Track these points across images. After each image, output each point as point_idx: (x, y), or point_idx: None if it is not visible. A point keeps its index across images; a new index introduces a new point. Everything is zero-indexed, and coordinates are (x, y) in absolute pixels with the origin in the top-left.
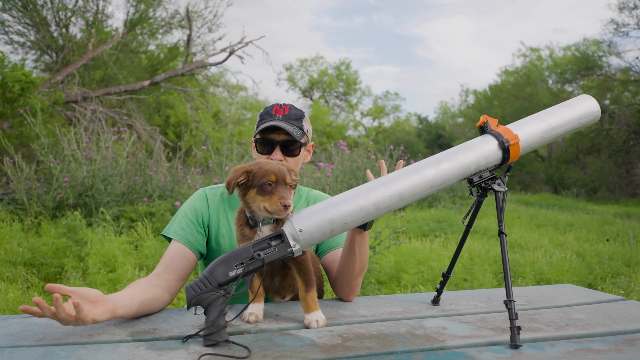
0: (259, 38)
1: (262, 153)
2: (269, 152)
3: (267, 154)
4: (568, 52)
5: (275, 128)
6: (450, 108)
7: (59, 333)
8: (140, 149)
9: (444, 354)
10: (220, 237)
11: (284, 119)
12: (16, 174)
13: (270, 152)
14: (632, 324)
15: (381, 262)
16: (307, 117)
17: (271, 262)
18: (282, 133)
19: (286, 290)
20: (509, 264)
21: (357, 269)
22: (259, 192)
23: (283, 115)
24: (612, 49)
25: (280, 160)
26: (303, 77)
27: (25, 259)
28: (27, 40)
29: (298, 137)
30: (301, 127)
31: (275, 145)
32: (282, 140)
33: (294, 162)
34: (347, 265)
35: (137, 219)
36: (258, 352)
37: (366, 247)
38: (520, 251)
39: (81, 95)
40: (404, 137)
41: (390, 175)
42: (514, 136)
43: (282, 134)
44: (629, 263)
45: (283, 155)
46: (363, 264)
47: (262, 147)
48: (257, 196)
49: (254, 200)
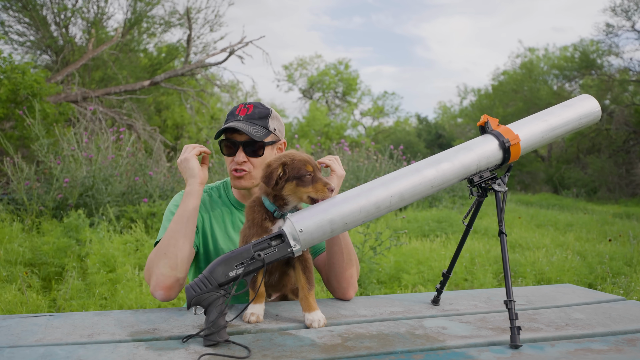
0: (259, 38)
1: (226, 155)
2: (233, 154)
3: (232, 156)
4: (567, 53)
5: (235, 130)
6: (450, 108)
7: (59, 333)
8: (140, 148)
9: (444, 354)
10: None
11: (246, 118)
12: (16, 174)
13: (234, 154)
14: (632, 324)
15: (381, 263)
16: (276, 115)
17: (271, 262)
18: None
19: (279, 288)
20: (510, 264)
21: (345, 258)
22: (300, 184)
23: (245, 115)
24: (612, 49)
25: (243, 162)
26: (302, 76)
27: (25, 258)
28: (27, 40)
29: (259, 137)
30: (265, 125)
31: (238, 146)
32: (244, 141)
33: (258, 162)
34: (334, 254)
35: (138, 219)
36: (258, 352)
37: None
38: (520, 251)
39: (81, 95)
40: (404, 137)
41: (390, 175)
42: (515, 136)
43: (244, 134)
44: (629, 263)
45: (246, 156)
46: (349, 250)
47: (226, 150)
48: (298, 188)
49: (295, 192)
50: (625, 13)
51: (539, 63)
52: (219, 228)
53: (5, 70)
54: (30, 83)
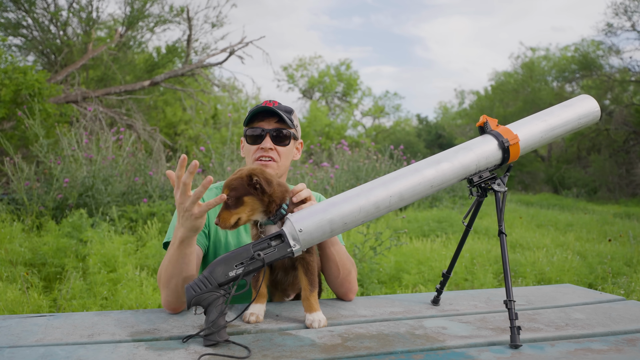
0: (259, 38)
1: (252, 144)
2: (259, 142)
3: (257, 144)
4: (568, 53)
5: (267, 114)
6: (449, 109)
7: (59, 333)
8: (140, 149)
9: (444, 354)
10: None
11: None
12: (16, 174)
13: (260, 142)
14: (632, 324)
15: (382, 263)
16: (296, 115)
17: (271, 262)
18: (273, 121)
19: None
20: (510, 264)
21: (341, 270)
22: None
23: (274, 106)
24: (612, 49)
25: (270, 149)
26: (303, 76)
27: (26, 259)
28: (26, 41)
29: (289, 125)
30: (291, 119)
31: (266, 133)
32: (273, 128)
33: (284, 152)
34: (329, 269)
35: (138, 219)
36: (258, 352)
37: (338, 246)
38: (521, 251)
39: (81, 95)
40: (403, 137)
41: (390, 175)
42: (514, 136)
43: (273, 122)
44: (629, 263)
45: (273, 144)
46: (344, 262)
47: (252, 138)
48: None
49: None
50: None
51: (540, 63)
52: None
53: (7, 71)
54: (31, 83)
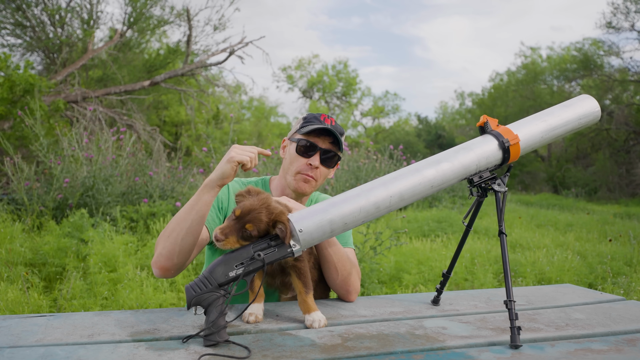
0: (259, 38)
1: (302, 155)
2: (308, 156)
3: (306, 158)
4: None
5: (325, 132)
6: (449, 109)
7: (59, 333)
8: (140, 149)
9: (444, 354)
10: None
11: (333, 128)
12: (16, 174)
13: (309, 157)
14: (632, 324)
15: (382, 262)
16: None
17: (271, 262)
18: (327, 141)
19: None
20: (510, 264)
21: (340, 273)
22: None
23: (331, 125)
24: (612, 49)
25: (316, 168)
26: (302, 77)
27: (26, 259)
28: (24, 41)
29: (340, 148)
30: (342, 142)
31: (317, 150)
32: (326, 148)
33: (325, 173)
34: (328, 270)
35: (138, 220)
36: (258, 352)
37: (336, 247)
38: (521, 251)
39: (81, 95)
40: (403, 137)
41: (390, 175)
42: (514, 136)
43: (327, 141)
44: (629, 263)
45: (320, 164)
46: (343, 264)
47: (303, 149)
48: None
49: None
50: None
51: (540, 63)
52: None
53: (1, 68)
54: (25, 77)
